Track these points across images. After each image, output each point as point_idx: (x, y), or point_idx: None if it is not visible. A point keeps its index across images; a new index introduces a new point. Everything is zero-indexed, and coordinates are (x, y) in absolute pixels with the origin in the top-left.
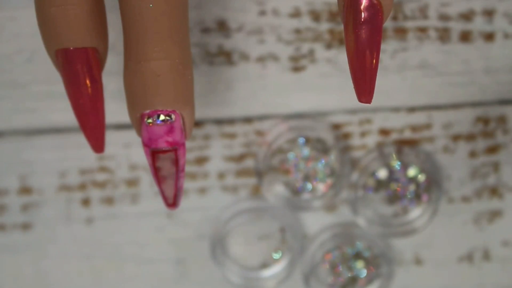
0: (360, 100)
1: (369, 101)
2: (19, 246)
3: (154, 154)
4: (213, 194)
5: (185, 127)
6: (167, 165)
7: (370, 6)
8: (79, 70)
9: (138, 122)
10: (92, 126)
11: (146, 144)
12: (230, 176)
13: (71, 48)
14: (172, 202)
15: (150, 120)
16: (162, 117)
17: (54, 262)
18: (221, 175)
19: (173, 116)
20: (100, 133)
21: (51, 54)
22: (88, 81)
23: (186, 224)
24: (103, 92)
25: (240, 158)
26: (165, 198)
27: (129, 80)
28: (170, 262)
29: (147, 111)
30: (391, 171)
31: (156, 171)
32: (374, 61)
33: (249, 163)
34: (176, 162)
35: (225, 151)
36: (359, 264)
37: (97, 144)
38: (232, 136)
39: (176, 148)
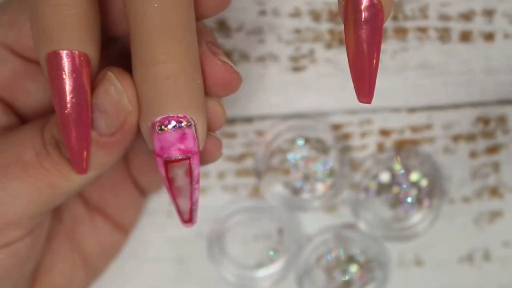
0: (360, 100)
1: (369, 101)
2: None
3: (167, 164)
4: (213, 193)
5: (197, 135)
6: (181, 176)
7: (371, 6)
8: (67, 76)
9: (149, 132)
10: (76, 140)
11: (158, 154)
12: (230, 176)
13: (60, 51)
14: (188, 218)
15: (161, 128)
16: (173, 123)
17: None
18: (221, 175)
19: (184, 122)
20: (83, 149)
21: (42, 58)
22: (76, 89)
23: None
24: (90, 104)
25: (240, 157)
26: (180, 214)
27: (137, 87)
28: (169, 261)
29: (158, 119)
30: (393, 175)
31: (170, 184)
32: (374, 61)
33: (249, 163)
34: (190, 172)
35: (225, 150)
36: (353, 268)
37: (80, 162)
38: (232, 135)
39: (189, 157)
